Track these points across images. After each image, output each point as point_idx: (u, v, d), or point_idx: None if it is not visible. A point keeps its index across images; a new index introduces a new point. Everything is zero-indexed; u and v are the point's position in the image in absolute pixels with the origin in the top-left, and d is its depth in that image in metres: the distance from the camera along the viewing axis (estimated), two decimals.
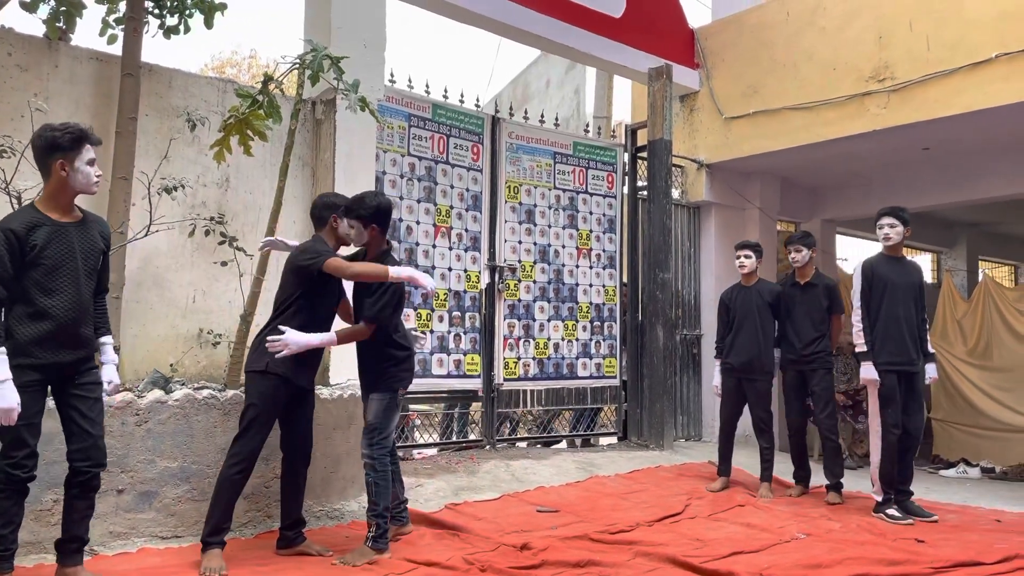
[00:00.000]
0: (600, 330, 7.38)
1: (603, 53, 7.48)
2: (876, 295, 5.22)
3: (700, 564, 3.83)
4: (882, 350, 5.15)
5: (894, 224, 5.23)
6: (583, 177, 7.36)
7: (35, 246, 3.04)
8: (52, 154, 3.09)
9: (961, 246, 12.09)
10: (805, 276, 5.93)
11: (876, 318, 5.20)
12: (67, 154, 3.10)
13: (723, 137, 7.96)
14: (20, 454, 3.03)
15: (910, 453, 5.26)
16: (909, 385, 5.18)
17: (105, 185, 4.56)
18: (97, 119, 4.65)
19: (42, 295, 3.06)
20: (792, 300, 5.93)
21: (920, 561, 4.03)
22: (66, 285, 3.11)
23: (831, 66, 7.08)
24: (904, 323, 5.16)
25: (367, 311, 3.83)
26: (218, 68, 19.52)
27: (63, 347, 3.12)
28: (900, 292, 5.19)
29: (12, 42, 4.42)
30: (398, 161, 6.04)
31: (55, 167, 3.10)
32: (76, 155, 3.11)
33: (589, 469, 6.06)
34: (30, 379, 3.04)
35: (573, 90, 12.12)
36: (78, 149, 3.12)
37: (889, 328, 5.16)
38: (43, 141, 3.11)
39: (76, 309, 3.13)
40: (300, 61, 4.50)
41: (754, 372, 5.82)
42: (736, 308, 5.95)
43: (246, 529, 4.20)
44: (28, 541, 3.56)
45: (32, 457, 3.07)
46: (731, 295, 6.04)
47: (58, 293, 3.09)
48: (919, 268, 5.48)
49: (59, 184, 3.13)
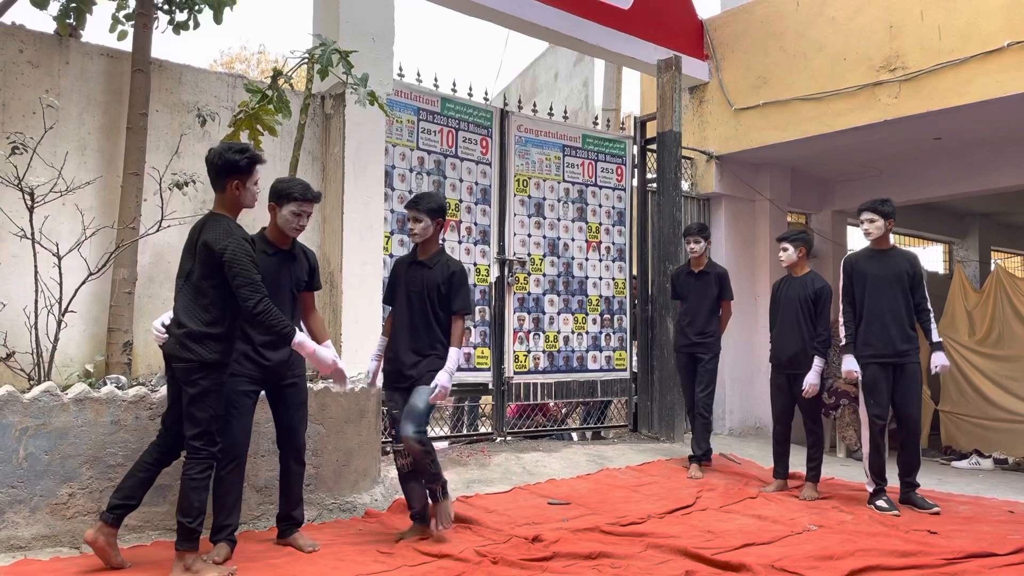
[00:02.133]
0: (610, 323, 7.38)
1: (612, 45, 7.45)
2: (858, 289, 5.27)
3: (711, 556, 3.83)
4: (865, 343, 5.19)
5: (873, 219, 5.23)
6: (592, 170, 7.35)
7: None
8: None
9: (973, 237, 12.01)
10: (699, 265, 6.28)
11: (860, 312, 5.25)
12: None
13: (733, 129, 7.93)
14: (219, 444, 3.39)
15: (910, 444, 5.23)
16: (899, 375, 5.17)
17: (116, 181, 4.60)
18: (108, 115, 4.68)
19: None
20: (688, 287, 6.27)
21: (933, 552, 4.03)
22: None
23: (841, 56, 7.04)
24: (888, 315, 5.16)
25: (463, 304, 4.07)
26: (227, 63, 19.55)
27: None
28: (881, 285, 5.20)
29: (23, 39, 4.44)
30: (407, 155, 6.04)
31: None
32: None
33: (600, 462, 6.07)
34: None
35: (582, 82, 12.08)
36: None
37: (871, 321, 5.19)
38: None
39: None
40: (309, 56, 4.51)
41: (801, 366, 5.51)
42: (779, 301, 5.73)
43: (259, 522, 4.22)
44: (43, 535, 3.61)
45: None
46: (778, 287, 5.83)
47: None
48: (910, 257, 5.37)
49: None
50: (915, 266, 5.32)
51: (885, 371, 5.15)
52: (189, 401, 3.30)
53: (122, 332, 4.44)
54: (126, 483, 3.41)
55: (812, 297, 5.56)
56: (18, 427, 3.57)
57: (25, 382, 3.95)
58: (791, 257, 5.65)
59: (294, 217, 3.78)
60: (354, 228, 5.20)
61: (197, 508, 3.32)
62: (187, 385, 3.30)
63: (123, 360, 4.42)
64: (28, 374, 3.99)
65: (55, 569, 3.37)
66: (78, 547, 3.64)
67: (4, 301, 3.96)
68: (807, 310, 5.55)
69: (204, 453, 3.33)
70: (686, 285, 6.31)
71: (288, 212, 3.78)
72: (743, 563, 3.71)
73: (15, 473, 3.56)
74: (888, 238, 5.36)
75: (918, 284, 5.27)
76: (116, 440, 3.81)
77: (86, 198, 4.44)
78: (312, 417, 4.51)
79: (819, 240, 9.58)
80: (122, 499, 3.37)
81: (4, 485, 3.53)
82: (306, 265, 3.94)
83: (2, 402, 3.54)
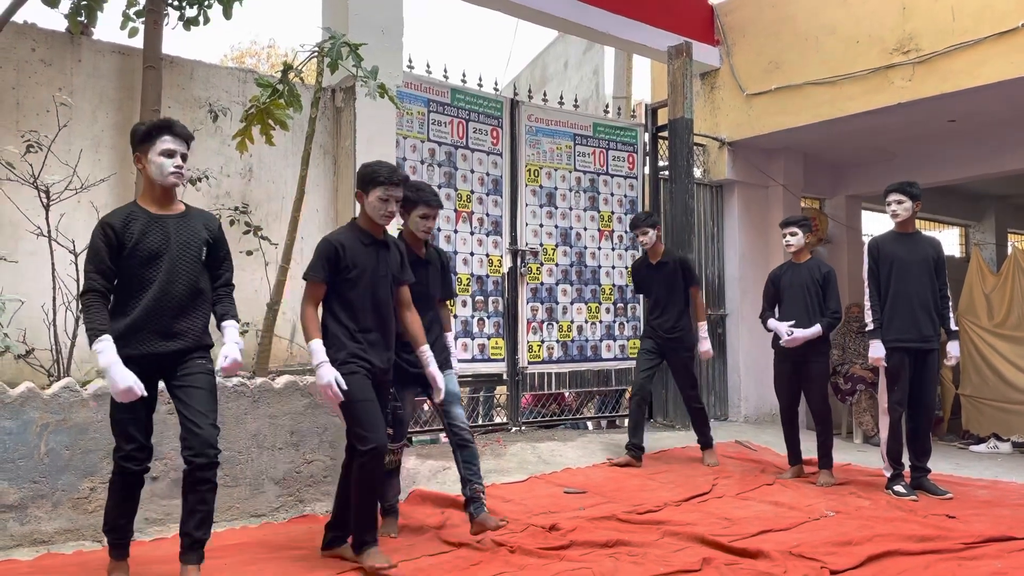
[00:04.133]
0: (624, 312, 7.37)
1: (621, 32, 7.41)
2: (884, 272, 5.16)
3: (729, 543, 3.83)
4: (890, 327, 5.11)
5: (901, 200, 5.15)
6: (603, 158, 7.32)
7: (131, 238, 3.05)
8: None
9: (989, 219, 11.90)
10: (656, 255, 5.96)
11: (885, 296, 5.15)
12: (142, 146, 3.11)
13: (745, 114, 7.88)
14: (129, 447, 3.05)
15: (924, 430, 5.21)
16: (922, 362, 5.13)
17: (130, 177, 4.62)
18: (121, 112, 4.70)
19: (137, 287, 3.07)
20: (650, 281, 6.00)
21: (951, 537, 4.01)
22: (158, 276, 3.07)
23: (854, 39, 6.98)
24: (915, 299, 5.09)
25: (451, 289, 4.28)
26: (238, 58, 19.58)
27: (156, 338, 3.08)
28: (910, 268, 5.12)
29: (35, 37, 4.47)
30: (418, 147, 6.05)
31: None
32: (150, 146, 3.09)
33: (615, 450, 6.07)
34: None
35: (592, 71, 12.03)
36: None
37: (897, 305, 5.11)
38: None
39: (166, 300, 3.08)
40: (319, 49, 4.51)
41: (809, 354, 5.47)
42: (784, 287, 5.62)
43: (278, 514, 4.26)
44: (66, 528, 3.65)
45: (143, 450, 3.08)
46: (779, 273, 5.72)
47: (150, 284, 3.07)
48: (935, 243, 5.35)
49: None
50: (940, 251, 5.28)
51: (909, 357, 5.10)
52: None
53: None
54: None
55: (821, 282, 5.51)
56: (39, 423, 3.61)
57: (44, 378, 3.99)
58: (800, 242, 5.57)
59: (382, 203, 3.49)
60: None
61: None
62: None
63: None
64: (47, 370, 4.03)
65: (78, 562, 3.41)
66: (100, 540, 3.69)
67: (22, 299, 4.00)
68: (816, 296, 5.49)
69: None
70: (648, 278, 6.02)
71: (375, 198, 3.49)
72: (760, 550, 3.71)
73: (37, 468, 3.60)
74: (914, 221, 5.30)
75: (941, 270, 5.22)
76: None
77: (101, 195, 4.47)
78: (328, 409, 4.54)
79: (833, 225, 9.53)
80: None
81: (26, 480, 3.57)
82: (398, 257, 3.65)
83: (23, 398, 3.59)
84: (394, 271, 3.60)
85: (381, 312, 3.53)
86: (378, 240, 3.56)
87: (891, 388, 5.14)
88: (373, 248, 3.53)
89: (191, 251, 3.13)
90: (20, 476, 3.56)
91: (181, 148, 3.11)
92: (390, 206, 3.52)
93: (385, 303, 3.55)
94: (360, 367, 3.42)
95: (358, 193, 3.58)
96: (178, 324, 3.10)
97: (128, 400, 2.92)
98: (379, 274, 3.52)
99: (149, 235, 3.05)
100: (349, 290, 3.46)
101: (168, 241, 3.08)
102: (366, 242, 3.52)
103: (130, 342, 3.01)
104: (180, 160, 3.10)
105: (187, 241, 3.13)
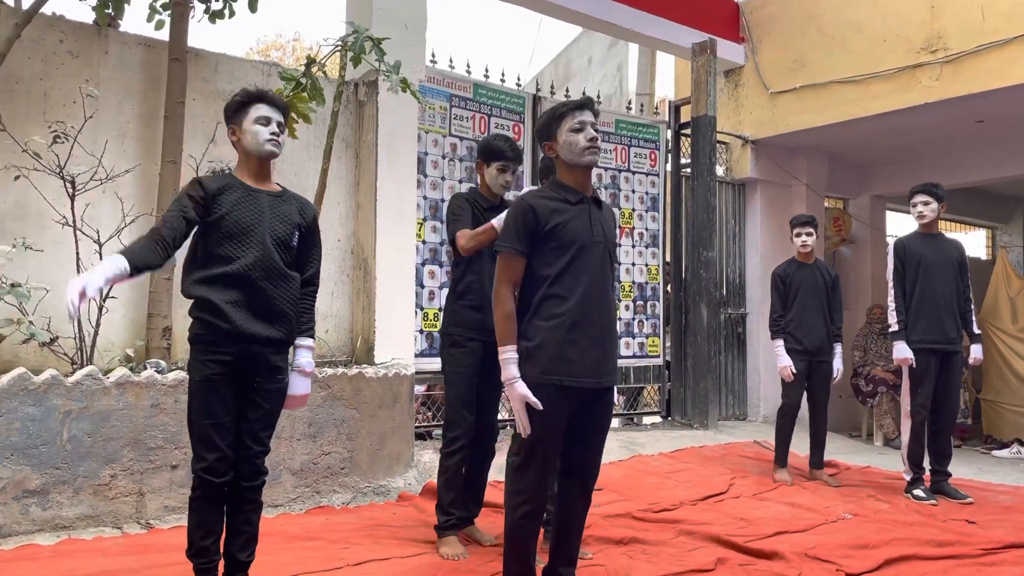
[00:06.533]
0: (643, 309, 7.35)
1: (646, 29, 7.38)
2: (910, 273, 5.12)
3: (744, 543, 3.82)
4: (914, 328, 5.06)
5: (928, 201, 5.13)
6: (625, 155, 7.30)
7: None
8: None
9: (1017, 221, 11.74)
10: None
11: (911, 297, 5.11)
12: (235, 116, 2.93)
13: (769, 112, 7.82)
14: (212, 457, 2.73)
15: (945, 433, 5.16)
16: (945, 364, 5.08)
17: (155, 168, 4.67)
18: (146, 104, 4.75)
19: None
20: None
21: (970, 542, 3.97)
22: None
23: (881, 37, 6.91)
24: (940, 300, 5.05)
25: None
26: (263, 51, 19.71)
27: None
28: (935, 269, 5.07)
29: (63, 29, 4.52)
30: (440, 142, 6.05)
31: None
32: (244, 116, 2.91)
33: (632, 448, 6.06)
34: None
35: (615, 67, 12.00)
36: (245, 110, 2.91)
37: (923, 306, 5.06)
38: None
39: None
40: (342, 43, 4.53)
41: (823, 354, 5.48)
42: (798, 287, 5.54)
43: (295, 505, 4.30)
44: (86, 515, 3.70)
45: (224, 461, 2.75)
46: (788, 271, 5.63)
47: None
48: (959, 245, 5.31)
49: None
50: (963, 253, 5.27)
51: (934, 358, 5.05)
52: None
53: (161, 318, 4.52)
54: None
55: (831, 284, 5.54)
56: (62, 410, 3.66)
57: (68, 366, 4.05)
58: (814, 242, 5.58)
59: (500, 174, 3.76)
60: (387, 215, 5.23)
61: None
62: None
63: (162, 345, 4.51)
64: (71, 358, 4.09)
65: (98, 548, 3.46)
66: (120, 527, 3.74)
67: (47, 287, 4.05)
68: (826, 297, 5.51)
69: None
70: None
71: (495, 169, 3.76)
72: (776, 551, 3.70)
73: (59, 455, 3.65)
74: (938, 223, 5.27)
75: (965, 272, 5.19)
76: (156, 423, 3.90)
77: (125, 186, 4.52)
78: (346, 401, 4.57)
79: (857, 225, 9.44)
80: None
81: (49, 466, 3.63)
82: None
83: (46, 385, 3.64)
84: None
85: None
86: (495, 205, 3.76)
87: (914, 391, 5.09)
88: (493, 213, 3.61)
89: (282, 233, 2.88)
90: (43, 462, 3.61)
91: (276, 116, 2.92)
92: (506, 176, 3.77)
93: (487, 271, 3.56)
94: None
95: (479, 163, 3.83)
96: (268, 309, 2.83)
97: (77, 298, 2.40)
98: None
99: (241, 208, 2.81)
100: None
101: (261, 218, 2.83)
102: (486, 207, 3.74)
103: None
104: (276, 128, 2.91)
105: (281, 221, 2.89)
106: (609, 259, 2.91)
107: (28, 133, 4.18)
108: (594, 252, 2.83)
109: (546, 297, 2.77)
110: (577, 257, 2.79)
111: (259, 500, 2.90)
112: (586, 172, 2.93)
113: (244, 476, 2.81)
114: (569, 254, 2.78)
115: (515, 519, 2.81)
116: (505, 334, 2.78)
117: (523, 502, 2.79)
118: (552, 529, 3.05)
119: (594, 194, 2.96)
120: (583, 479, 2.95)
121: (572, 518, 2.97)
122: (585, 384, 2.77)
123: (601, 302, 2.83)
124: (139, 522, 3.82)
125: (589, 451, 2.94)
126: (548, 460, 2.80)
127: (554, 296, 2.77)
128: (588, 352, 2.77)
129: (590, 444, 2.94)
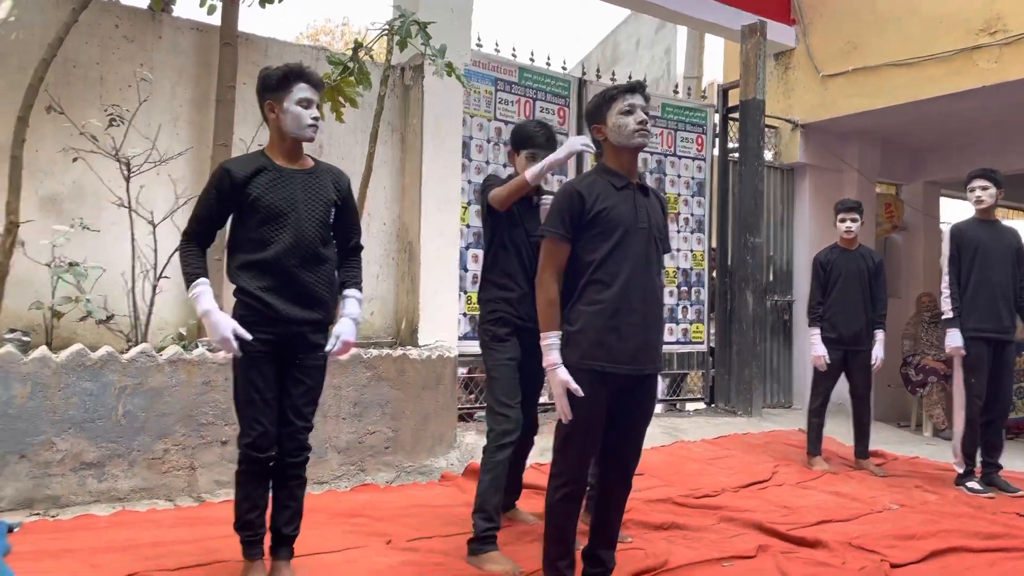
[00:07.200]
0: (687, 295, 7.30)
1: (694, 11, 7.29)
2: (966, 260, 5.00)
3: (787, 531, 3.79)
4: (969, 316, 4.95)
5: (987, 186, 4.99)
6: (671, 139, 7.23)
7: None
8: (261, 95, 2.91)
9: None
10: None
11: (966, 284, 4.99)
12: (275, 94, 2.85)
13: (820, 96, 7.67)
14: (255, 433, 2.78)
15: (997, 424, 5.04)
16: (1000, 354, 4.96)
17: (206, 152, 4.76)
18: (198, 87, 4.84)
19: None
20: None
21: (1020, 536, 3.89)
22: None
23: (938, 19, 6.72)
24: (997, 288, 4.93)
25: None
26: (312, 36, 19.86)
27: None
28: (993, 257, 4.95)
29: (119, 14, 4.62)
30: (484, 126, 6.07)
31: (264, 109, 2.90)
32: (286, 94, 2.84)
33: (674, 434, 6.04)
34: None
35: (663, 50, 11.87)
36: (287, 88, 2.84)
37: (978, 294, 4.94)
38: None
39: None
40: (389, 27, 4.56)
41: (862, 343, 5.40)
42: (839, 273, 5.46)
43: (340, 482, 4.38)
44: (141, 488, 3.83)
45: (266, 437, 2.78)
46: (830, 258, 5.55)
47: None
48: (1016, 232, 5.17)
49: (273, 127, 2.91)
50: (1020, 241, 5.12)
51: (988, 348, 4.94)
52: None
53: None
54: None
55: (874, 271, 5.44)
56: (117, 385, 3.78)
57: (123, 343, 4.17)
58: (858, 228, 5.50)
59: (530, 162, 3.56)
60: (432, 199, 5.27)
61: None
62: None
63: None
64: (126, 336, 4.21)
65: (151, 520, 3.57)
66: (172, 500, 3.86)
67: (104, 267, 4.17)
68: (868, 284, 5.42)
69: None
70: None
71: (524, 158, 3.63)
72: (819, 539, 3.67)
73: (115, 429, 3.78)
74: (995, 209, 5.14)
75: (1020, 260, 5.05)
76: (207, 400, 4.00)
77: (178, 168, 4.62)
78: (391, 382, 4.64)
79: (909, 212, 9.23)
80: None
81: (105, 440, 3.75)
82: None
83: (103, 362, 3.76)
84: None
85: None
86: (529, 195, 3.57)
87: (968, 381, 4.98)
88: (525, 201, 3.56)
89: (317, 213, 2.86)
90: (99, 436, 3.74)
91: (316, 98, 2.87)
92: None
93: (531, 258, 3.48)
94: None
95: (510, 152, 3.74)
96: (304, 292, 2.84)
97: (229, 351, 2.70)
98: (529, 228, 3.51)
99: (276, 190, 2.80)
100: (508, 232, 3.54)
101: (295, 201, 2.82)
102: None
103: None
104: (316, 111, 2.87)
105: (315, 202, 2.86)
106: (656, 246, 2.86)
107: (85, 116, 4.30)
108: (638, 238, 2.78)
109: (589, 283, 2.75)
110: (621, 243, 2.75)
111: (303, 476, 2.92)
112: (633, 156, 2.90)
113: (288, 452, 2.84)
114: (613, 240, 2.74)
115: (554, 500, 2.81)
116: (548, 320, 2.76)
117: (562, 484, 2.80)
118: (592, 512, 3.06)
119: (640, 180, 2.91)
120: (623, 464, 2.95)
121: (612, 502, 2.97)
122: (624, 371, 2.74)
123: (644, 289, 2.78)
124: (191, 495, 3.94)
125: (630, 437, 2.93)
126: (588, 444, 2.80)
127: (597, 282, 2.75)
128: (629, 339, 2.75)
129: (631, 430, 2.93)
